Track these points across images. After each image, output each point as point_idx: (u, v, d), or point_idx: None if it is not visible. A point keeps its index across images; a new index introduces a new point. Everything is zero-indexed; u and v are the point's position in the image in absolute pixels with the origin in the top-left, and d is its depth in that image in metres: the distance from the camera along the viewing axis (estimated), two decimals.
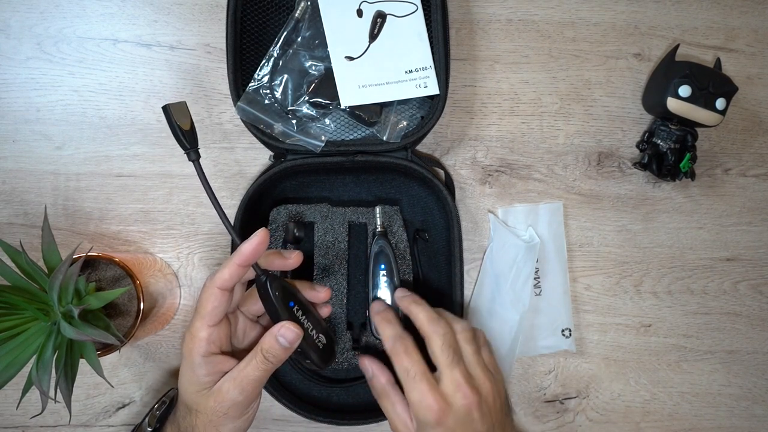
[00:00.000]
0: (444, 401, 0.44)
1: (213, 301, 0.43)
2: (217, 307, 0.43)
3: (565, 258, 0.61)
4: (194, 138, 0.45)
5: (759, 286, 0.62)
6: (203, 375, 0.43)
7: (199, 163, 0.45)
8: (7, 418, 0.58)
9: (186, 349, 0.44)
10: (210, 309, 0.43)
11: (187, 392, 0.44)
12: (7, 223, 0.59)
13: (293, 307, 0.45)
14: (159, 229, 0.60)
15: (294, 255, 0.48)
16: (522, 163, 0.61)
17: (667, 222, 0.62)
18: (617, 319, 0.61)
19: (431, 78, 0.55)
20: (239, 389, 0.43)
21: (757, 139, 0.63)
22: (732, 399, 0.61)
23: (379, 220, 0.57)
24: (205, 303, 0.43)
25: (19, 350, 0.45)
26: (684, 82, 0.56)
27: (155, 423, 0.54)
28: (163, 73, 0.60)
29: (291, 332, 0.43)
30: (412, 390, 0.45)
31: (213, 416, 0.43)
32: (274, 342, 0.43)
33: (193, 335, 0.44)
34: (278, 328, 0.43)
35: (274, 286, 0.44)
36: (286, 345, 0.43)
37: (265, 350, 0.43)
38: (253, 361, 0.43)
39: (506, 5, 0.61)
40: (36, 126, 0.59)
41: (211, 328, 0.44)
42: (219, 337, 0.44)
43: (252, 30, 0.56)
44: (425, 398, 0.44)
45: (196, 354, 0.43)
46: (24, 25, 0.59)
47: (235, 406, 0.43)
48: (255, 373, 0.43)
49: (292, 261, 0.47)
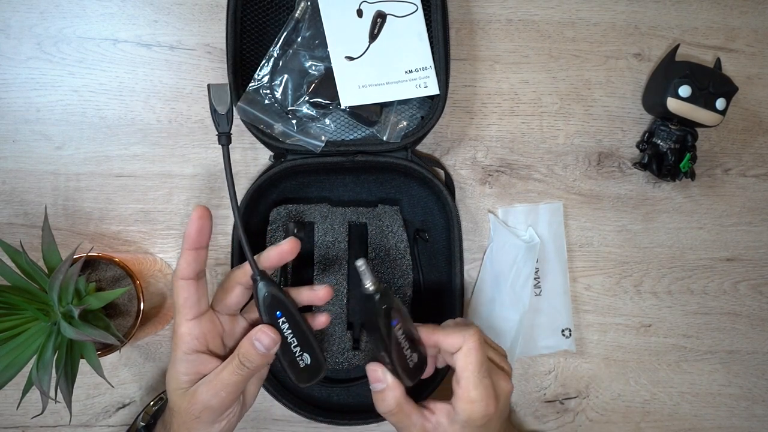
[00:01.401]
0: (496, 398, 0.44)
1: (182, 293, 0.42)
2: (188, 298, 0.42)
3: (565, 258, 0.61)
4: (227, 122, 0.45)
5: (759, 286, 0.62)
6: (182, 373, 0.42)
7: (227, 148, 0.44)
8: (7, 418, 0.58)
9: (172, 345, 0.43)
10: (182, 302, 0.42)
11: (168, 389, 0.43)
12: (7, 223, 0.59)
13: (279, 318, 0.43)
14: (159, 229, 0.60)
15: (323, 289, 0.46)
16: (522, 163, 0.61)
17: (667, 222, 0.62)
18: (617, 319, 0.61)
19: (431, 78, 0.55)
20: (212, 393, 0.41)
21: (757, 139, 0.63)
22: (732, 399, 0.61)
23: (369, 280, 0.43)
24: (176, 298, 0.42)
25: (19, 350, 0.45)
26: (684, 82, 0.56)
27: (149, 419, 0.54)
28: (163, 73, 0.60)
29: (267, 337, 0.42)
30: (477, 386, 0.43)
31: (186, 418, 0.42)
32: (250, 346, 0.42)
33: (174, 332, 0.43)
34: (255, 332, 0.42)
35: (264, 290, 0.43)
36: (262, 350, 0.42)
37: (241, 354, 0.42)
38: (229, 366, 0.42)
39: (506, 5, 0.61)
40: (36, 126, 0.59)
41: (191, 323, 0.42)
42: (203, 333, 0.43)
43: (252, 30, 0.56)
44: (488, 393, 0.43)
45: (179, 350, 0.42)
46: (24, 25, 0.59)
47: (207, 411, 0.42)
48: (230, 377, 0.41)
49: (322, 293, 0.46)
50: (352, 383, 0.58)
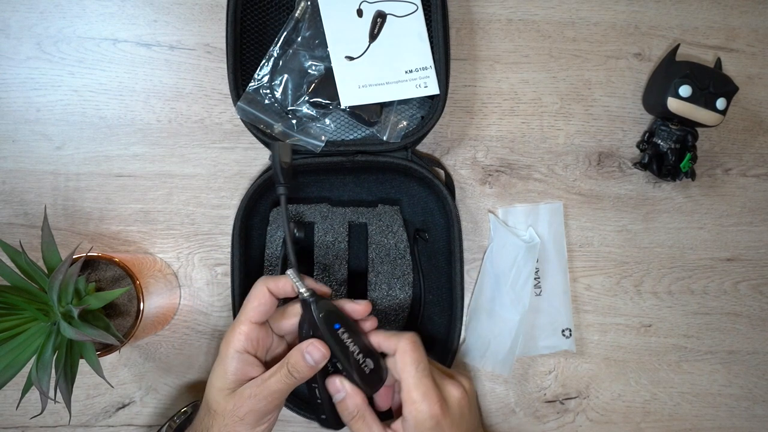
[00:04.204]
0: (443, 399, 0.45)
1: (260, 299, 0.45)
2: (262, 305, 0.44)
3: (565, 258, 0.61)
4: (290, 176, 0.49)
5: (759, 286, 0.62)
6: (231, 372, 0.44)
7: (286, 197, 0.48)
8: (7, 418, 0.58)
9: (223, 343, 0.45)
10: (255, 304, 0.45)
11: (212, 389, 0.44)
12: (7, 223, 0.59)
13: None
14: (159, 229, 0.60)
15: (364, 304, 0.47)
16: (522, 163, 0.61)
17: (668, 222, 0.62)
18: (617, 319, 0.61)
19: (431, 78, 0.55)
20: (260, 397, 0.43)
21: (758, 139, 0.63)
22: (732, 399, 0.61)
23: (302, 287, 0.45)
24: (252, 299, 0.45)
25: (19, 350, 0.45)
26: (684, 82, 0.56)
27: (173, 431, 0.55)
28: (163, 73, 0.60)
29: (318, 351, 0.43)
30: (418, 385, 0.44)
31: (229, 420, 0.43)
32: (300, 358, 0.43)
33: (232, 329, 0.45)
34: (306, 345, 0.44)
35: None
36: (311, 363, 0.43)
37: (291, 365, 0.43)
38: (277, 374, 0.43)
39: (506, 5, 0.61)
40: (36, 126, 0.59)
41: (252, 325, 0.44)
42: (257, 338, 0.45)
43: (252, 30, 0.56)
44: (429, 392, 0.44)
45: (231, 347, 0.44)
46: (24, 25, 0.59)
47: (251, 413, 0.43)
48: (277, 385, 0.43)
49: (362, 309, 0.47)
50: None
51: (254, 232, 0.58)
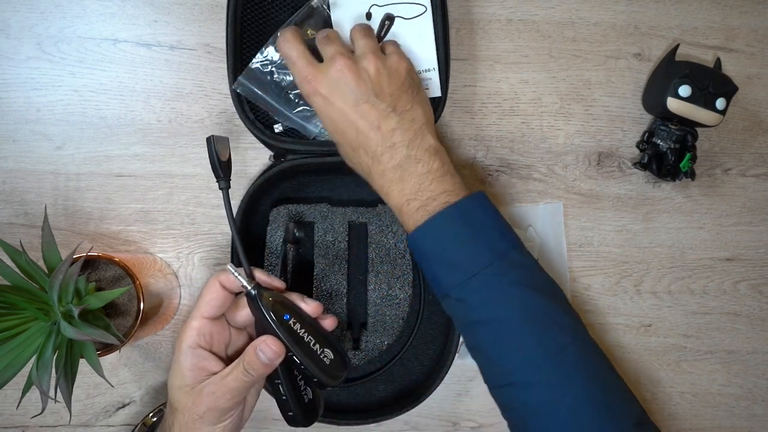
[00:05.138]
0: (317, 70, 0.48)
1: (212, 293, 0.44)
2: (214, 299, 0.44)
3: (565, 258, 0.61)
4: (228, 170, 0.48)
5: (759, 286, 0.62)
6: (186, 369, 0.43)
7: (227, 192, 0.47)
8: (7, 418, 0.58)
9: (177, 342, 0.44)
10: (207, 299, 0.44)
11: (171, 387, 0.44)
12: (7, 223, 0.59)
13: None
14: (159, 229, 0.60)
15: (314, 304, 0.46)
16: (522, 163, 0.61)
17: (667, 222, 0.62)
18: (617, 319, 0.61)
19: (434, 80, 0.55)
20: (218, 395, 0.42)
21: (757, 139, 0.63)
22: (732, 399, 0.61)
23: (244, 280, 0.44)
24: (204, 294, 0.44)
25: (19, 350, 0.45)
26: (684, 82, 0.56)
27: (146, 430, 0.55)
28: (163, 73, 0.60)
29: (270, 348, 0.42)
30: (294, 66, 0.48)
31: (189, 417, 0.43)
32: (254, 356, 0.42)
33: (185, 325, 0.44)
34: (258, 343, 0.43)
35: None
36: (265, 361, 0.42)
37: (246, 363, 0.43)
38: (234, 372, 0.43)
39: (506, 5, 0.61)
40: (36, 126, 0.59)
41: (204, 320, 0.44)
42: (210, 333, 0.44)
43: (252, 30, 0.56)
44: (301, 72, 0.48)
45: (184, 343, 0.43)
46: (24, 25, 0.59)
47: (211, 411, 0.42)
48: (235, 383, 0.42)
49: (312, 309, 0.46)
50: (352, 383, 0.58)
51: (254, 231, 0.58)
